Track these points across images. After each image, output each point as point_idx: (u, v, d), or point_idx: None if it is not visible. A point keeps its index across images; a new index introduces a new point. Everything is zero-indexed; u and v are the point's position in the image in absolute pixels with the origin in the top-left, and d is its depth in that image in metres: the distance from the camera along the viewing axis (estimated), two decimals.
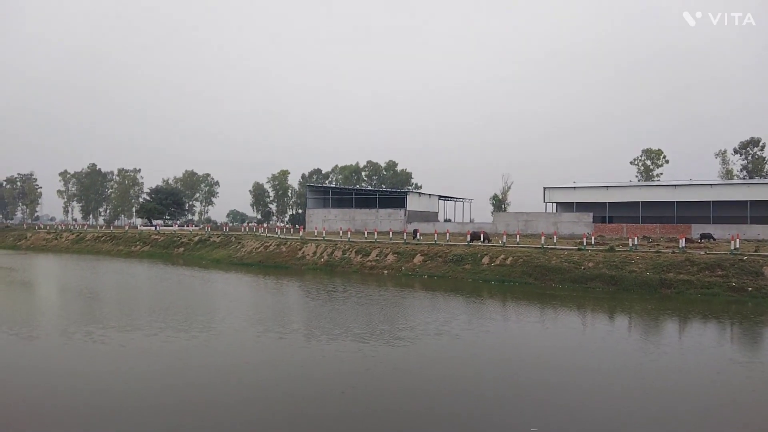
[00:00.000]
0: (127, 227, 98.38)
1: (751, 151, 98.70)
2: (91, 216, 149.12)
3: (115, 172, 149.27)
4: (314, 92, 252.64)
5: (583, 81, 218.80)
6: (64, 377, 15.90)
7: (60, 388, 14.99)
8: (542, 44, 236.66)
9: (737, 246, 37.23)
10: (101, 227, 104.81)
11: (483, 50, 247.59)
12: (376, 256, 45.87)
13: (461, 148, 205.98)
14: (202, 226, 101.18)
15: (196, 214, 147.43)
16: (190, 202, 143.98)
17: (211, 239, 65.62)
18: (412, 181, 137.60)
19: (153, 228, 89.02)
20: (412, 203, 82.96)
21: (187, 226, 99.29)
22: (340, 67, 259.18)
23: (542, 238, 45.32)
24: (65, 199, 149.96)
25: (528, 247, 43.01)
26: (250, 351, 18.97)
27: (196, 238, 67.41)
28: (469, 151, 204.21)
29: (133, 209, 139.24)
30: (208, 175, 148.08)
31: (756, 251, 36.98)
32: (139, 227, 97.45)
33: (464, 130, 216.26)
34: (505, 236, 48.02)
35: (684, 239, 42.40)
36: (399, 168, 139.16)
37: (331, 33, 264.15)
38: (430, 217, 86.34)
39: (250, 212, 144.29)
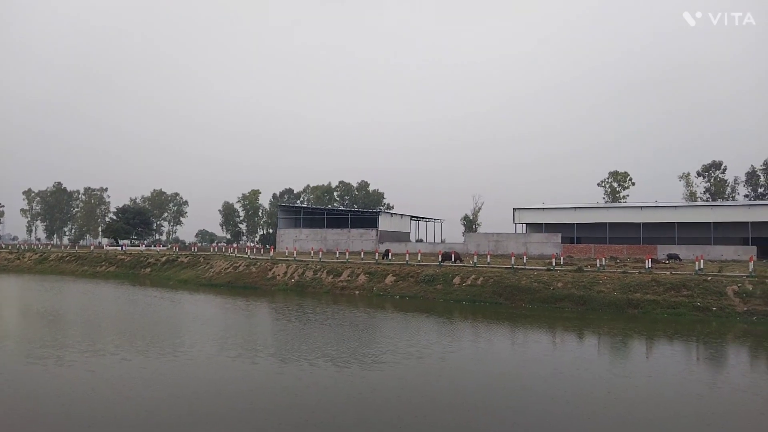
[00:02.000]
0: (92, 247, 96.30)
1: (713, 174, 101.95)
2: (55, 235, 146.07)
3: (81, 191, 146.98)
4: (286, 112, 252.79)
5: (561, 110, 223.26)
6: (31, 404, 15.34)
7: (28, 414, 14.48)
8: (524, 71, 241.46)
9: (701, 266, 38.13)
10: (66, 247, 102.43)
11: (459, 75, 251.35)
12: (348, 276, 45.71)
13: (433, 169, 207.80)
14: (169, 246, 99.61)
15: (164, 233, 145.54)
16: (158, 222, 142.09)
17: (179, 259, 64.64)
18: (384, 201, 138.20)
19: (119, 248, 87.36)
20: (384, 223, 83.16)
21: (155, 246, 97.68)
22: (313, 90, 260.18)
23: (512, 258, 45.76)
24: (29, 218, 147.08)
25: (498, 268, 43.38)
26: (226, 376, 18.35)
27: (164, 259, 66.35)
28: (441, 172, 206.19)
29: (99, 229, 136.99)
30: (176, 194, 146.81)
31: (719, 271, 37.92)
32: (105, 247, 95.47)
33: (436, 151, 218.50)
34: (476, 256, 48.40)
35: (650, 260, 43.28)
36: (371, 188, 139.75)
37: (305, 55, 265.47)
38: (402, 237, 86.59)
39: (220, 232, 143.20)
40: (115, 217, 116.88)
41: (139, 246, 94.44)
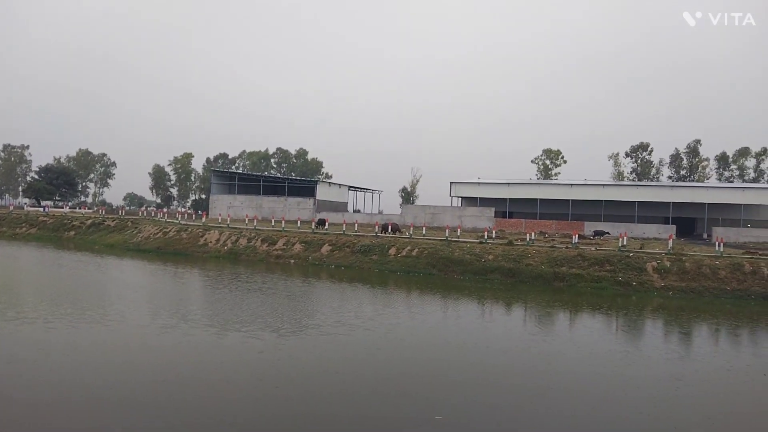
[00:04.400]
0: (11, 207, 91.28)
1: (640, 155, 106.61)
2: None
3: (0, 148, 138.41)
4: (223, 74, 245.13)
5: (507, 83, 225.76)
6: None
7: None
8: (463, 46, 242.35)
9: (624, 243, 39.98)
10: None
11: (400, 47, 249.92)
12: (283, 245, 45.34)
13: (372, 141, 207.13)
14: (96, 208, 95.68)
15: (90, 196, 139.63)
16: (84, 183, 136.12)
17: (106, 223, 62.20)
18: (323, 170, 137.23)
19: (41, 209, 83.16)
20: (322, 193, 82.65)
21: (80, 208, 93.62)
22: (250, 52, 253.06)
23: (447, 231, 46.58)
24: None
25: (433, 239, 44.08)
26: (160, 346, 17.87)
27: (89, 222, 63.64)
28: (381, 144, 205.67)
29: (20, 188, 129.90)
30: (104, 155, 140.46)
31: (641, 248, 39.86)
32: (25, 208, 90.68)
33: (376, 123, 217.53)
34: (412, 228, 48.95)
35: (577, 235, 44.97)
36: (310, 156, 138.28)
37: (245, 18, 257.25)
38: (340, 207, 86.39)
39: (150, 196, 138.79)
40: (37, 177, 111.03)
41: (62, 208, 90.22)
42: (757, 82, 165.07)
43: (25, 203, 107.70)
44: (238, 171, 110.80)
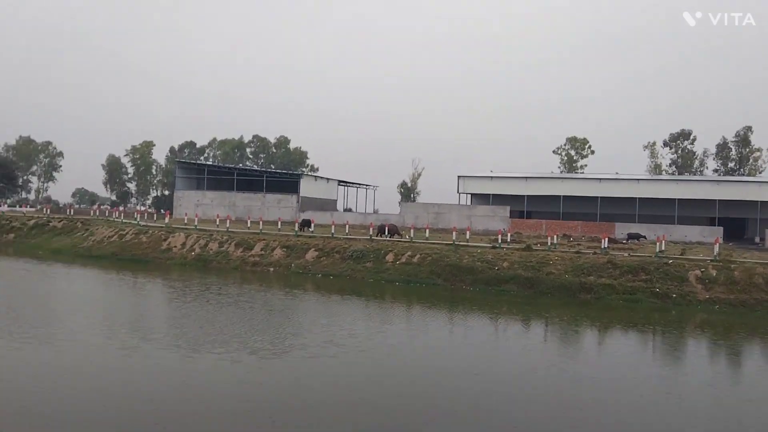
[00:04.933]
0: None
1: (681, 145, 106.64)
2: None
3: None
4: (189, 51, 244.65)
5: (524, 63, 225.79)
6: None
7: None
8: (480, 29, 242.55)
9: (663, 248, 40.05)
10: None
11: (397, 18, 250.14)
12: (261, 250, 45.34)
13: (366, 128, 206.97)
14: (39, 207, 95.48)
15: (33, 191, 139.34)
16: (25, 177, 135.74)
17: (51, 224, 62.03)
18: (308, 162, 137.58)
19: None
20: (307, 188, 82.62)
21: (21, 206, 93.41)
22: (222, 28, 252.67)
23: (454, 233, 46.57)
24: None
25: (438, 244, 44.10)
26: (117, 368, 17.82)
27: (32, 222, 63.45)
28: (376, 131, 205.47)
29: None
30: (49, 143, 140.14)
31: (682, 254, 39.96)
32: None
33: (370, 108, 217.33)
34: (412, 230, 49.02)
35: (607, 239, 45.08)
36: (292, 146, 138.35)
37: None
38: (328, 205, 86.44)
39: (103, 192, 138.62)
40: None
41: (0, 206, 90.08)
42: None
43: None
44: (208, 162, 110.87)
